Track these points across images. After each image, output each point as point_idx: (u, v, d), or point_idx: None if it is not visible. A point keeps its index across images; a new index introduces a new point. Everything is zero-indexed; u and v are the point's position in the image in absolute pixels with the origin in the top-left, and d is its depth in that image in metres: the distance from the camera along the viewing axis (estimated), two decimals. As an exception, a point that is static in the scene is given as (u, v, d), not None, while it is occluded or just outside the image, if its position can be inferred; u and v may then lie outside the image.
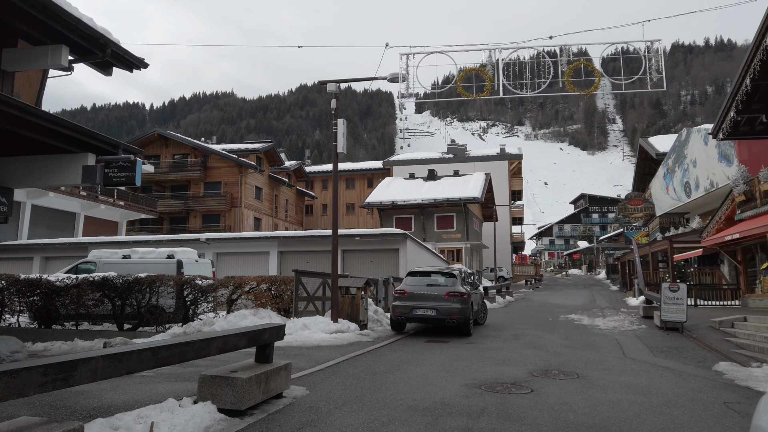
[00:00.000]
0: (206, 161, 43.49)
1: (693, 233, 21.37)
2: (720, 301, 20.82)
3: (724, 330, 12.23)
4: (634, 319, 16.00)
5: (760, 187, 16.22)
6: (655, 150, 37.61)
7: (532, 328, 14.23)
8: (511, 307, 20.98)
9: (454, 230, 41.70)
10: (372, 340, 11.32)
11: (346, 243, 20.17)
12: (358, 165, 60.18)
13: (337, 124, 12.13)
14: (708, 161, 26.20)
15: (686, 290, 12.95)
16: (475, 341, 11.55)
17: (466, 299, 12.17)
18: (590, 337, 12.44)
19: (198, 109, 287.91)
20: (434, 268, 13.54)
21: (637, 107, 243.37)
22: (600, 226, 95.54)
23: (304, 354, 9.32)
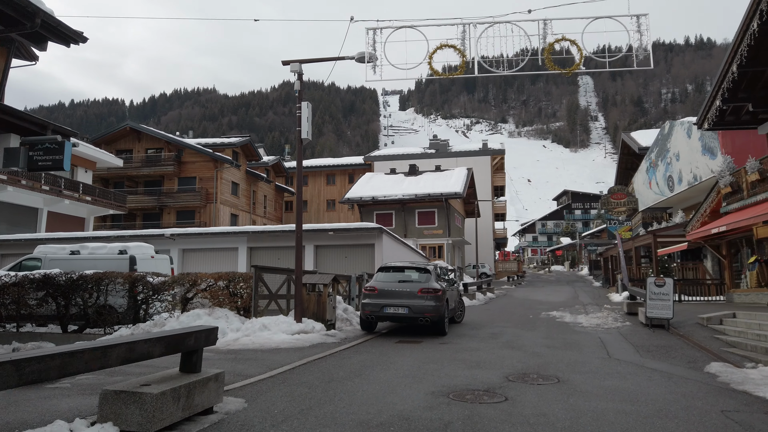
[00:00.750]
0: (180, 156, 42.18)
1: (677, 227, 20.83)
2: (704, 297, 20.30)
3: (713, 327, 11.57)
4: (618, 316, 15.34)
5: (746, 178, 15.64)
6: (637, 144, 37.23)
7: (511, 326, 13.47)
8: (491, 304, 20.25)
9: (436, 226, 40.97)
10: (338, 341, 10.44)
11: (319, 238, 19.26)
12: (339, 161, 59.19)
13: (300, 108, 11.19)
14: (691, 154, 25.74)
15: (672, 285, 12.28)
16: (450, 341, 10.73)
17: (441, 296, 11.34)
18: (572, 335, 11.71)
19: (179, 106, 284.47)
20: (407, 263, 12.70)
21: (619, 105, 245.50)
22: (582, 222, 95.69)
23: (259, 358, 8.41)
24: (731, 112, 18.08)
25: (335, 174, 56.62)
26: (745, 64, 15.25)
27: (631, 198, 24.60)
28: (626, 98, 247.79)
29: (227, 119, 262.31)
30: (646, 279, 12.53)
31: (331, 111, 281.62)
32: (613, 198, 24.22)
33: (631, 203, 24.41)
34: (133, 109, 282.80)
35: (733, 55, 15.46)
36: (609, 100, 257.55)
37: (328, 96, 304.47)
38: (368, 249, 18.63)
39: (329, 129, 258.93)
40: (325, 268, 19.16)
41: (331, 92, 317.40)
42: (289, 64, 11.18)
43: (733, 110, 18.03)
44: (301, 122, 11.14)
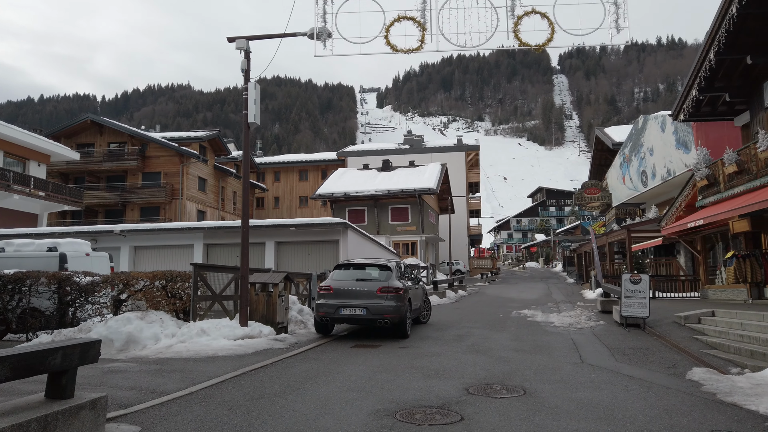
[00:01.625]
0: (145, 150, 40.50)
1: (651, 222, 20.29)
2: (678, 293, 19.80)
3: (691, 326, 10.87)
4: (592, 314, 14.62)
5: (723, 170, 15.07)
6: (611, 140, 36.87)
7: (480, 326, 12.62)
8: (462, 303, 19.42)
9: (409, 222, 40.13)
10: (286, 347, 9.42)
11: (280, 234, 18.16)
12: (311, 156, 57.94)
13: (247, 89, 10.11)
14: (665, 149, 25.31)
15: (648, 282, 11.55)
16: (412, 345, 9.81)
17: (402, 296, 10.41)
18: (543, 336, 10.89)
19: (152, 102, 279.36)
20: (366, 260, 11.73)
21: (593, 103, 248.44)
22: (557, 219, 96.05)
23: (187, 369, 7.35)
24: (707, 102, 17.55)
25: (308, 170, 55.36)
26: (723, 51, 14.66)
27: (604, 193, 24.08)
28: (600, 97, 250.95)
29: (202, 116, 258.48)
30: (621, 276, 11.79)
31: (308, 108, 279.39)
32: (586, 193, 23.66)
33: (604, 198, 23.88)
34: (105, 105, 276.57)
35: (711, 41, 14.87)
36: (583, 98, 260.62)
37: (304, 92, 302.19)
38: (332, 245, 17.62)
39: (306, 126, 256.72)
40: (287, 266, 18.11)
41: (308, 89, 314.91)
42: (234, 41, 10.09)
43: (710, 101, 17.51)
44: (247, 104, 10.06)
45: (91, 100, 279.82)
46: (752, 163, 13.76)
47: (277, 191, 55.36)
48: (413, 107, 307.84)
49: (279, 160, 56.47)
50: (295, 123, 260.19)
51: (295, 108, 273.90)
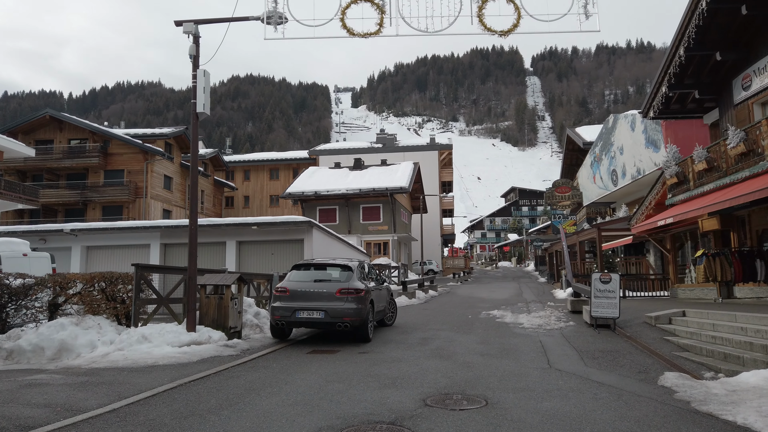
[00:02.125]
0: (107, 147, 39.06)
1: (621, 221, 20.14)
2: (648, 292, 19.69)
3: (662, 327, 10.55)
4: (562, 314, 14.27)
5: (693, 167, 14.89)
6: (582, 139, 36.95)
7: (446, 328, 12.12)
8: (431, 303, 18.94)
9: (381, 222, 39.59)
10: (237, 354, 8.75)
11: (242, 233, 17.39)
12: (282, 154, 56.93)
13: (196, 77, 9.40)
14: (635, 148, 25.29)
15: (619, 281, 11.21)
16: (372, 349, 9.23)
17: (363, 297, 9.82)
18: (511, 339, 10.43)
19: (122, 99, 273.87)
20: (326, 260, 11.11)
21: (565, 105, 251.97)
22: (530, 219, 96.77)
23: (118, 381, 6.63)
24: (677, 99, 17.43)
25: (279, 168, 54.34)
26: (693, 47, 14.48)
27: (575, 191, 23.92)
28: (571, 99, 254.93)
29: (173, 113, 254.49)
30: (591, 275, 11.42)
31: (282, 107, 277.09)
32: (557, 191, 23.45)
33: (575, 197, 23.72)
34: (72, 102, 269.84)
35: (680, 37, 14.68)
36: (555, 100, 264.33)
37: (278, 91, 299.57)
38: (297, 245, 16.94)
39: (280, 125, 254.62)
40: (249, 266, 17.36)
41: (282, 87, 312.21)
42: (181, 25, 9.37)
43: (679, 98, 17.38)
44: (196, 93, 9.34)
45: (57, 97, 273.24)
46: (722, 161, 13.59)
47: (247, 190, 54.21)
48: (388, 107, 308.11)
49: (249, 159, 55.34)
50: (269, 122, 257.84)
51: (269, 107, 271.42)
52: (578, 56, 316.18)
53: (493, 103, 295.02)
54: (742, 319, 8.79)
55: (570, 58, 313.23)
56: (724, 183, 13.31)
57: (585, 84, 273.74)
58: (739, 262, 13.77)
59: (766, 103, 14.24)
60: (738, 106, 15.10)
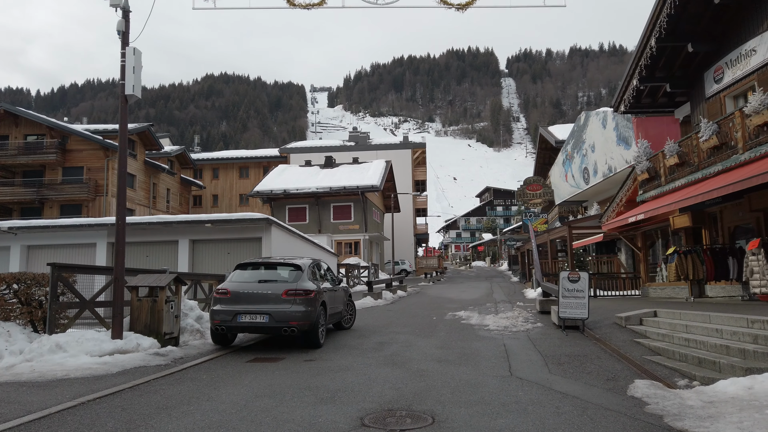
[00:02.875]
0: (65, 143, 37.36)
1: (592, 218, 19.69)
2: (619, 291, 19.28)
3: (632, 328, 9.95)
4: (530, 315, 13.64)
5: (664, 162, 14.42)
6: (554, 138, 36.69)
7: (407, 331, 11.35)
8: (397, 304, 18.17)
9: (352, 221, 38.72)
10: (167, 363, 7.83)
11: (196, 231, 16.36)
12: (253, 152, 55.61)
13: (125, 55, 8.44)
14: (606, 145, 24.95)
15: (588, 280, 10.59)
16: (321, 356, 8.41)
17: (313, 299, 8.98)
18: (473, 342, 9.71)
19: (92, 97, 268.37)
20: (272, 259, 10.23)
21: (539, 106, 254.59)
22: (504, 218, 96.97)
23: (7, 400, 5.67)
24: (648, 93, 17.01)
25: (249, 167, 53.02)
26: (665, 37, 13.99)
27: (546, 189, 23.47)
28: (546, 100, 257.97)
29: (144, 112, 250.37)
30: (560, 273, 10.78)
31: (257, 106, 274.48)
32: (529, 189, 22.94)
33: (547, 194, 23.26)
34: (41, 100, 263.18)
35: (652, 27, 14.18)
36: (530, 101, 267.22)
37: (253, 90, 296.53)
38: (254, 243, 15.99)
39: (254, 124, 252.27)
40: (203, 266, 16.35)
41: (257, 87, 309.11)
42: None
43: (651, 91, 16.96)
44: (124, 73, 8.39)
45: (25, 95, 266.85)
46: (694, 155, 13.12)
47: (216, 189, 52.79)
48: (364, 107, 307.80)
49: (218, 157, 53.92)
50: (243, 121, 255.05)
51: (243, 106, 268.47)
52: (552, 58, 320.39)
53: (469, 104, 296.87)
54: (716, 320, 8.22)
55: (544, 60, 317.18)
56: (696, 178, 12.85)
57: (559, 86, 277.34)
58: (711, 259, 13.33)
59: (738, 96, 13.84)
60: (710, 100, 14.69)
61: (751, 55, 12.87)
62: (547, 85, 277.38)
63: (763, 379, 5.46)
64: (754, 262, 11.17)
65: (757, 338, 6.75)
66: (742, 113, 10.99)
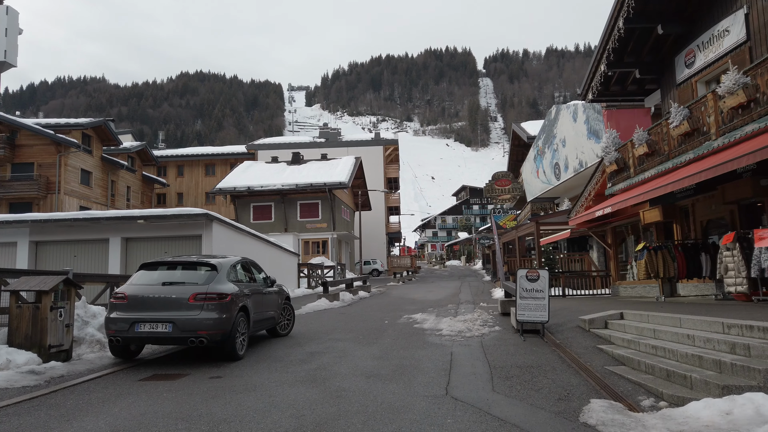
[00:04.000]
0: (14, 138, 35.28)
1: (561, 214, 18.75)
2: (590, 290, 18.36)
3: (596, 332, 8.90)
4: (490, 317, 12.55)
5: (634, 152, 13.47)
6: (526, 134, 35.89)
7: (350, 338, 10.13)
8: (354, 306, 16.94)
9: (320, 219, 37.37)
10: (38, 384, 6.47)
11: (128, 229, 14.90)
12: (219, 149, 53.79)
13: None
14: (577, 139, 24.09)
15: (548, 279, 9.50)
16: (232, 372, 7.14)
17: (229, 304, 7.70)
18: (418, 350, 8.54)
19: (62, 95, 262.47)
20: (182, 258, 8.91)
21: (516, 106, 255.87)
22: (480, 217, 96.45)
23: None
24: (617, 80, 16.04)
25: (215, 164, 51.25)
26: (633, 17, 12.99)
27: (515, 185, 22.50)
28: (523, 100, 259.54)
29: (116, 110, 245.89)
30: (517, 271, 9.68)
31: (233, 104, 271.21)
32: (497, 185, 21.93)
33: (516, 190, 22.30)
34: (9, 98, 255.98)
35: (620, 7, 13.18)
36: (507, 101, 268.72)
37: (229, 88, 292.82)
38: (194, 241, 14.61)
39: (230, 123, 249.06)
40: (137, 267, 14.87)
41: (233, 85, 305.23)
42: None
43: (620, 78, 16.00)
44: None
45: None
46: (664, 143, 12.17)
47: (180, 187, 50.90)
48: (342, 106, 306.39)
49: (183, 153, 52.04)
50: (218, 119, 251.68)
51: (219, 104, 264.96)
52: (529, 59, 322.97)
53: (447, 104, 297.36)
54: (688, 324, 7.18)
55: (521, 61, 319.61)
56: (667, 168, 11.90)
57: (536, 86, 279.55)
58: (683, 256, 12.41)
59: (711, 81, 12.95)
60: (681, 86, 13.79)
61: (724, 36, 11.98)
62: (524, 85, 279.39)
63: (744, 402, 4.38)
64: (728, 258, 10.23)
65: (735, 347, 5.70)
66: (715, 95, 10.04)
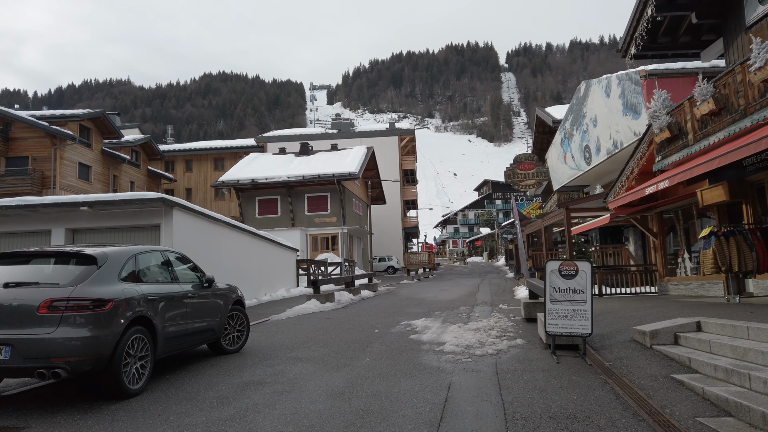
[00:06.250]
0: (8, 130, 33.61)
1: (595, 198, 15.80)
2: (628, 288, 15.38)
3: (663, 351, 6.09)
4: (510, 324, 9.78)
5: (694, 112, 10.53)
6: (552, 118, 32.82)
7: (318, 357, 7.49)
8: (348, 309, 14.29)
9: (329, 213, 34.88)
10: None
11: (75, 218, 12.51)
12: (228, 143, 51.72)
13: None
14: (611, 116, 21.04)
15: (591, 274, 6.73)
16: (98, 424, 4.58)
17: (109, 315, 5.12)
18: (402, 380, 5.85)
19: (89, 98, 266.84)
20: (48, 248, 6.28)
21: (540, 100, 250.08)
22: (503, 212, 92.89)
23: None
24: (667, 29, 13.06)
25: (224, 158, 49.15)
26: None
27: (540, 168, 19.60)
28: (546, 94, 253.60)
29: (140, 111, 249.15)
30: (546, 264, 6.92)
31: (254, 104, 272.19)
32: (519, 168, 19.04)
33: (541, 175, 19.42)
34: (38, 101, 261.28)
35: (674, -76, 10.34)
36: (530, 95, 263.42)
37: (251, 88, 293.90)
38: (152, 232, 12.18)
39: (252, 122, 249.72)
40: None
41: (255, 85, 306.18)
42: None
43: (670, 27, 13.00)
44: None
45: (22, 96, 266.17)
46: (737, 96, 9.23)
47: (189, 182, 48.99)
48: (363, 104, 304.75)
49: (190, 147, 50.08)
50: (240, 119, 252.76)
51: (241, 104, 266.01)
52: (552, 52, 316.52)
53: (469, 99, 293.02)
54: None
55: (544, 54, 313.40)
56: (743, 128, 8.96)
57: (559, 79, 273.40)
58: (763, 244, 9.47)
59: (796, 15, 9.95)
60: (753, 28, 10.78)
61: (821, -49, 8.98)
62: (547, 79, 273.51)
63: None
64: None
65: None
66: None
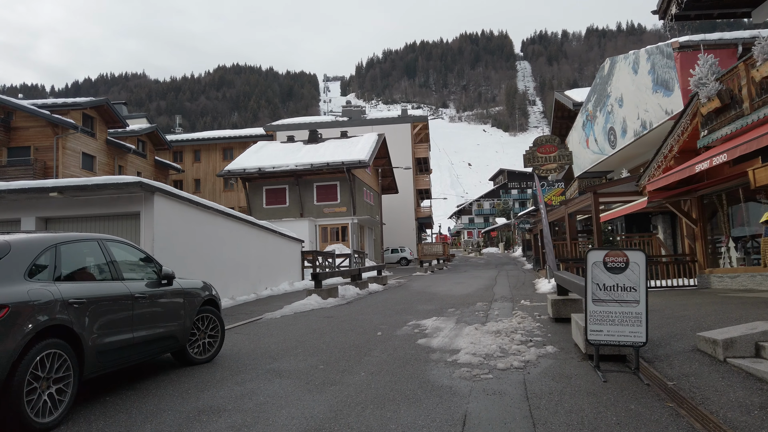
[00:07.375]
0: (10, 120, 32.77)
1: (625, 181, 14.20)
2: (663, 280, 13.83)
3: (742, 365, 4.65)
4: (536, 324, 8.36)
5: (750, 76, 8.95)
6: (572, 101, 31.13)
7: (303, 369, 6.16)
8: (351, 305, 12.95)
9: (338, 202, 33.57)
10: None
11: (46, 206, 11.29)
12: (236, 132, 50.58)
13: None
14: (639, 95, 19.35)
15: (645, 267, 5.28)
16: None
17: (4, 325, 3.82)
18: (402, 408, 4.48)
19: (105, 91, 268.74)
20: None
21: (556, 89, 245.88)
22: (519, 202, 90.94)
23: None
24: (714, -16, 11.45)
25: (233, 147, 48.03)
26: None
27: (563, 151, 18.03)
28: (562, 82, 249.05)
29: (155, 104, 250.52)
30: (587, 255, 5.47)
31: (268, 96, 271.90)
32: (540, 151, 17.52)
33: (564, 158, 17.87)
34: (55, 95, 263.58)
35: None
36: (546, 84, 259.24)
37: (265, 80, 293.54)
38: (131, 221, 10.96)
39: (265, 114, 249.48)
40: (64, 256, 11.32)
41: (269, 77, 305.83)
42: None
43: (717, -19, 11.42)
44: None
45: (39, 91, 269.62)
46: (811, 51, 7.65)
47: (197, 173, 47.99)
48: (377, 94, 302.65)
49: (199, 137, 49.04)
50: (254, 111, 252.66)
51: (254, 96, 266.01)
52: (568, 39, 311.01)
53: (483, 89, 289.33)
54: None
55: (560, 42, 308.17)
56: (819, 89, 7.39)
57: (576, 67, 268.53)
58: (840, 229, 7.90)
59: None
60: (823, -25, 9.15)
61: None
62: (563, 67, 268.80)
63: None
64: None
65: None
66: None
